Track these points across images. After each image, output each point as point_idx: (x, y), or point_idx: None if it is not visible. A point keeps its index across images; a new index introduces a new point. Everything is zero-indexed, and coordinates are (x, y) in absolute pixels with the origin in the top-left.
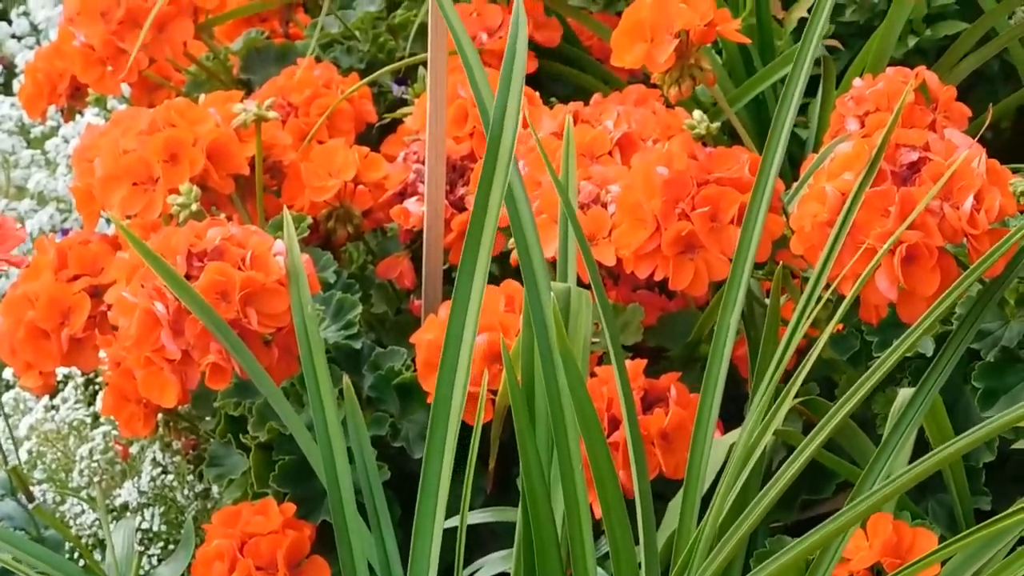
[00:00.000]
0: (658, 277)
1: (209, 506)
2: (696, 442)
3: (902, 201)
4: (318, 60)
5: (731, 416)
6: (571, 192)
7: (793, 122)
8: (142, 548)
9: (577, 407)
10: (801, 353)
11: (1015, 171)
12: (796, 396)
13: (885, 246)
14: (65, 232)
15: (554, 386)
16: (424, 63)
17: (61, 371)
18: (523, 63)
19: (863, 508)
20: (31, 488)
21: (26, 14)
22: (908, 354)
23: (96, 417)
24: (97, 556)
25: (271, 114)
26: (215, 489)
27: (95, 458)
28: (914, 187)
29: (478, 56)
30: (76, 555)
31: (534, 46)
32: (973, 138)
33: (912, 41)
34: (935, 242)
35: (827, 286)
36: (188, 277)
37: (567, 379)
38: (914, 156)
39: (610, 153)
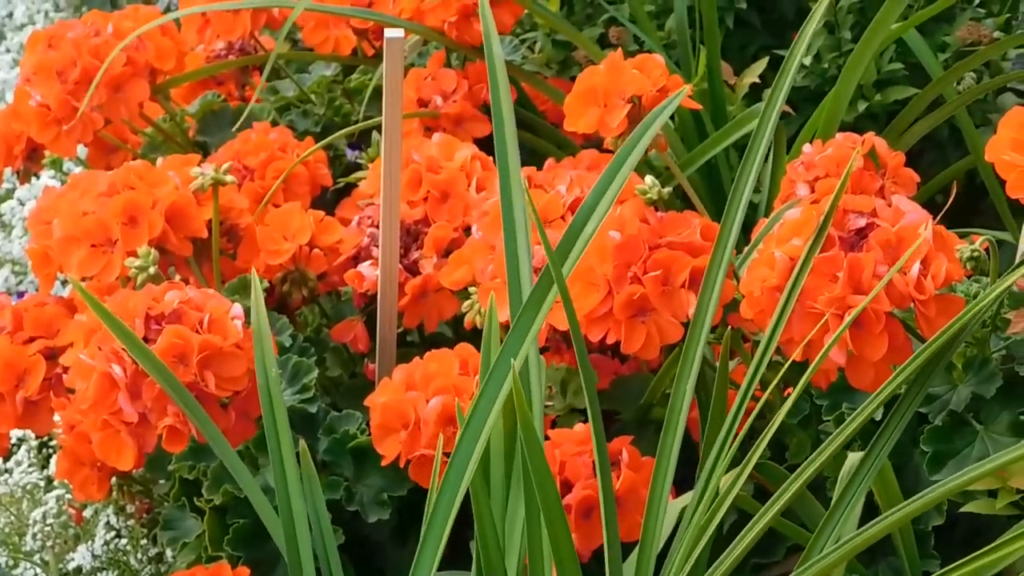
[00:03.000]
0: (610, 341)
1: (163, 570)
2: (651, 506)
3: (850, 267)
4: (274, 123)
5: (683, 479)
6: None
7: (752, 189)
8: None
9: (535, 472)
10: (751, 416)
11: (963, 236)
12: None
13: (850, 317)
14: (21, 295)
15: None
16: (378, 127)
17: (15, 434)
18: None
19: (813, 572)
20: None
21: None
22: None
23: (50, 481)
24: None
25: (228, 178)
26: (169, 553)
27: (48, 522)
28: (862, 253)
29: None
30: None
31: (488, 110)
32: (924, 203)
33: (863, 106)
34: (882, 307)
35: (778, 349)
36: (146, 340)
37: (525, 444)
38: (862, 222)
39: (563, 217)
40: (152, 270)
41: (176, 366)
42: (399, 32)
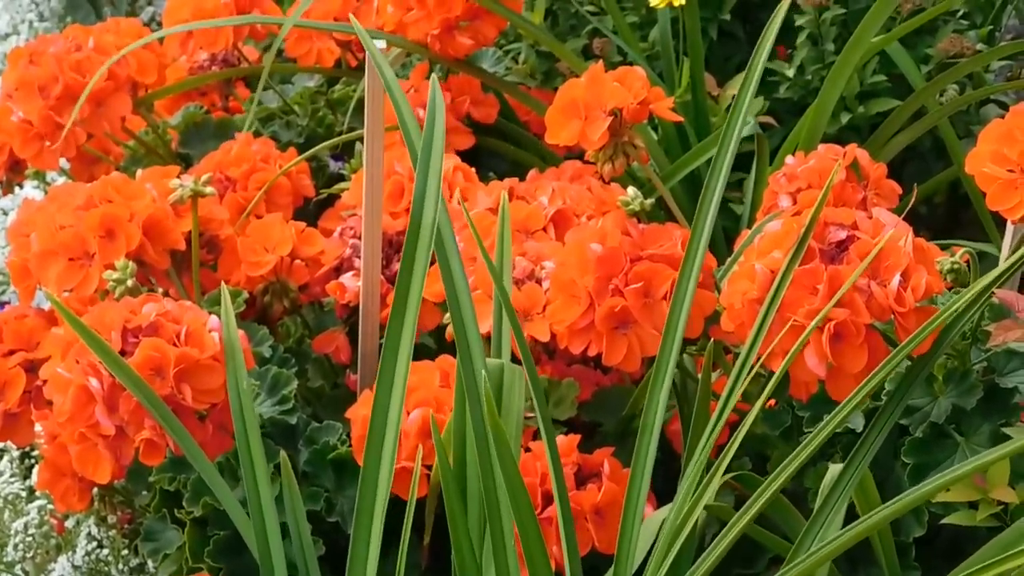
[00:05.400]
0: (592, 352)
1: None
2: (626, 517)
3: (830, 279)
4: (257, 135)
5: (669, 491)
6: (506, 268)
7: (720, 199)
8: None
9: (508, 485)
10: (733, 428)
11: (944, 247)
12: (729, 471)
13: (814, 323)
14: (3, 305)
15: (487, 462)
16: (362, 138)
17: None
18: (441, 143)
19: (794, 574)
20: None
21: None
22: (838, 430)
23: (32, 491)
24: None
25: (208, 189)
26: (150, 564)
27: (30, 532)
28: (842, 265)
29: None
30: None
31: (472, 122)
32: (903, 214)
33: (845, 118)
34: (862, 320)
35: (760, 361)
36: (123, 353)
37: (498, 457)
38: (842, 234)
39: (545, 229)
40: (130, 283)
41: (153, 379)
42: (381, 43)
